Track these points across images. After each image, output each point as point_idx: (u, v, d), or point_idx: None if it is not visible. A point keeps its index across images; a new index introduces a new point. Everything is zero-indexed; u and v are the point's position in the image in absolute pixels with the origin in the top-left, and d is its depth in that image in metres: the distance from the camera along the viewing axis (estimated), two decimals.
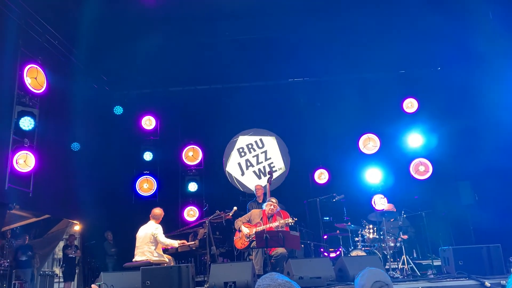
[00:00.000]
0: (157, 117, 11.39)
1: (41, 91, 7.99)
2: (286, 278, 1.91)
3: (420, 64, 10.85)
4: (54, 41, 8.74)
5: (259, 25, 9.55)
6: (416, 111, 10.90)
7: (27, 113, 7.62)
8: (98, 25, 8.77)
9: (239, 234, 7.23)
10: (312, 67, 10.87)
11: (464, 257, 5.63)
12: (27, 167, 7.48)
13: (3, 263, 8.81)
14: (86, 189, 9.79)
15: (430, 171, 10.52)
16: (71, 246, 10.63)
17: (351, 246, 8.37)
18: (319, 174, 11.18)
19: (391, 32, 9.57)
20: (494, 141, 8.55)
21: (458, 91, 10.00)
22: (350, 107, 10.51)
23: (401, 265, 7.44)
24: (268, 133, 11.88)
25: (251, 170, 11.65)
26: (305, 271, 5.57)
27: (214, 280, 5.60)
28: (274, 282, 1.86)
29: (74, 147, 9.37)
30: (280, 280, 1.86)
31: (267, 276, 1.94)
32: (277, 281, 1.86)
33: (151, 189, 10.83)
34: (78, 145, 9.39)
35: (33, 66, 7.83)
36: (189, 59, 10.26)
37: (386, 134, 11.00)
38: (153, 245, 7.11)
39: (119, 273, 6.27)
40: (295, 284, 1.88)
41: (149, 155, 11.08)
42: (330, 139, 10.97)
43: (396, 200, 9.36)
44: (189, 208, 10.90)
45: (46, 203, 8.71)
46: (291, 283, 1.87)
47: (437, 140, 10.45)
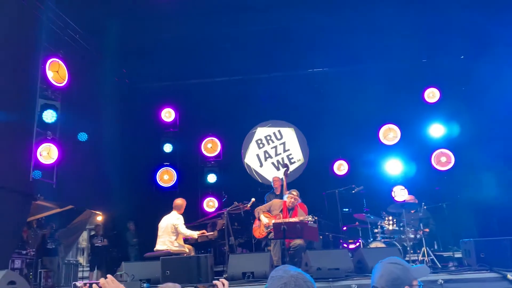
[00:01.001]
0: (177, 109, 11.49)
1: (63, 84, 8.14)
2: (299, 270, 1.92)
3: (442, 53, 10.59)
4: (75, 35, 8.87)
5: (278, 16, 9.48)
6: (438, 101, 10.69)
7: (50, 106, 7.77)
8: (118, 18, 8.87)
9: (258, 222, 7.27)
10: (331, 57, 10.73)
11: (486, 249, 5.53)
12: (51, 159, 7.65)
13: (29, 252, 9.08)
14: (108, 180, 9.97)
15: (452, 162, 10.33)
16: (97, 236, 10.88)
17: (371, 237, 8.32)
18: (339, 166, 11.10)
19: (413, 21, 9.38)
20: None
21: (481, 80, 9.73)
22: (370, 97, 10.36)
23: (421, 257, 7.36)
24: (286, 124, 11.84)
25: (269, 162, 11.66)
26: (323, 262, 5.57)
27: (233, 270, 5.65)
28: (287, 273, 1.87)
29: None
30: (293, 272, 1.88)
31: (281, 268, 1.96)
32: (289, 272, 1.88)
33: (171, 180, 10.96)
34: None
35: (55, 60, 7.97)
36: (208, 51, 10.28)
37: (407, 125, 10.82)
38: (174, 235, 7.21)
39: (140, 262, 6.40)
40: (308, 276, 1.89)
41: (169, 147, 11.20)
42: (350, 130, 10.82)
43: (416, 191, 9.24)
44: (208, 199, 11.01)
45: (69, 194, 8.91)
46: (303, 275, 1.88)
47: (459, 130, 10.24)
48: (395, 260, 2.27)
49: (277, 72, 11.29)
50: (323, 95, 11.25)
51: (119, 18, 8.80)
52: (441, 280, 4.90)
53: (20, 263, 8.61)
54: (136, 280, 5.62)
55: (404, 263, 2.26)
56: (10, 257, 7.73)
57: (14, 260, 8.36)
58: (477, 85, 9.91)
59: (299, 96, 11.27)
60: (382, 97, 10.54)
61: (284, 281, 1.84)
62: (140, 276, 5.76)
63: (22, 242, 9.13)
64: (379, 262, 2.31)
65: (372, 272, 2.31)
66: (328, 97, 11.14)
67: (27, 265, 8.98)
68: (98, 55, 9.76)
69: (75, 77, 8.55)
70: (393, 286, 2.17)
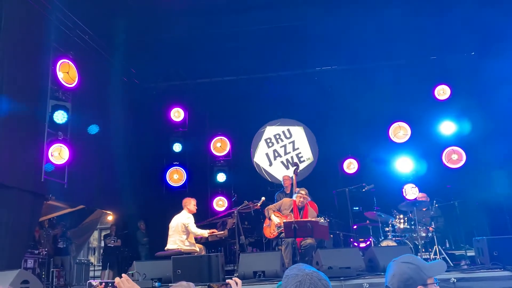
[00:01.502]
0: (186, 109, 11.51)
1: (73, 85, 8.19)
2: (313, 268, 1.91)
3: (452, 49, 10.48)
4: (85, 36, 8.93)
5: (286, 14, 9.47)
6: (448, 98, 10.57)
7: (60, 107, 7.83)
8: (127, 19, 8.92)
9: (268, 221, 7.26)
10: (340, 55, 10.69)
11: (499, 247, 5.47)
12: (62, 159, 7.71)
13: (42, 252, 9.18)
14: (119, 180, 10.04)
15: (463, 159, 10.22)
16: (111, 236, 10.95)
17: (381, 236, 8.27)
18: (348, 164, 11.04)
19: (422, 17, 9.29)
20: None
21: (492, 77, 9.62)
22: (380, 95, 10.30)
23: (433, 256, 7.31)
24: (295, 123, 11.81)
25: (278, 161, 11.65)
26: (334, 261, 5.56)
27: (244, 269, 5.66)
28: (302, 272, 1.86)
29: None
30: (308, 270, 1.87)
31: (295, 267, 1.95)
32: (304, 271, 1.87)
33: (181, 179, 10.99)
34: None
35: (65, 61, 8.03)
36: (216, 50, 10.30)
37: (417, 122, 10.72)
38: (185, 234, 7.23)
39: (151, 262, 6.44)
40: (323, 274, 1.88)
41: (179, 146, 11.22)
42: (359, 128, 10.77)
43: (427, 189, 9.17)
44: (218, 198, 11.01)
45: (80, 194, 8.98)
46: (318, 273, 1.87)
47: (470, 127, 10.12)
48: (408, 259, 2.22)
49: (286, 70, 11.26)
50: (332, 94, 11.20)
51: (127, 18, 8.86)
52: (453, 279, 4.86)
53: (33, 263, 8.71)
54: (147, 279, 5.65)
55: (419, 261, 2.20)
56: (23, 256, 7.81)
57: (26, 260, 8.46)
58: (487, 81, 9.80)
59: (308, 95, 11.23)
60: (391, 95, 10.46)
61: (299, 279, 1.83)
62: (152, 275, 5.80)
63: (34, 242, 9.24)
64: (392, 261, 2.27)
65: (386, 271, 2.28)
66: (337, 95, 11.08)
67: (40, 265, 9.08)
68: (107, 55, 9.82)
69: (85, 77, 8.61)
70: (405, 286, 2.14)
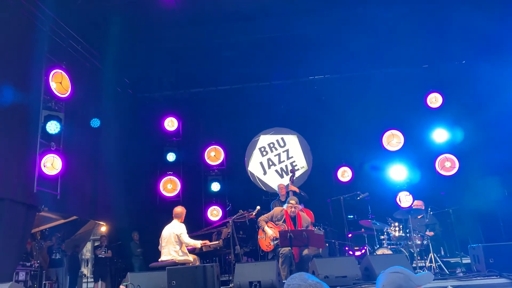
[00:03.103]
0: (179, 118, 11.49)
1: (66, 95, 8.15)
2: (316, 278, 1.88)
3: (444, 58, 10.60)
4: (78, 46, 8.91)
5: (279, 24, 9.51)
6: (440, 105, 10.66)
7: (53, 117, 7.77)
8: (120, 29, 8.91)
9: (262, 233, 7.22)
10: (333, 63, 10.74)
11: (495, 254, 5.47)
12: (54, 170, 7.64)
13: (34, 264, 9.05)
14: (112, 190, 9.96)
15: (456, 166, 10.29)
16: (101, 247, 10.84)
17: (377, 244, 8.26)
18: (342, 172, 11.06)
19: (414, 26, 9.39)
20: None
21: (483, 84, 9.73)
22: (373, 104, 10.37)
23: (428, 263, 7.30)
24: (289, 131, 11.83)
25: (273, 169, 11.63)
26: (331, 270, 5.52)
27: (239, 279, 5.60)
28: (305, 282, 1.83)
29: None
30: (311, 281, 1.84)
31: (297, 276, 1.91)
32: (307, 281, 1.83)
33: (175, 189, 10.93)
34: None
35: (57, 71, 8.00)
36: (210, 59, 10.32)
37: (410, 130, 10.81)
38: (178, 245, 7.16)
39: (146, 273, 6.35)
40: (326, 285, 1.85)
41: (172, 156, 11.18)
42: (353, 137, 10.81)
43: (422, 197, 9.20)
44: (213, 207, 10.96)
45: (73, 205, 8.89)
46: (322, 284, 1.84)
47: (463, 135, 10.20)
48: (397, 269, 2.24)
49: (279, 79, 11.31)
50: (326, 102, 11.25)
51: (121, 27, 8.84)
52: (450, 287, 4.85)
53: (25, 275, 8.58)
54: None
55: (407, 271, 2.23)
56: (15, 269, 7.69)
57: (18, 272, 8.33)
58: (479, 89, 9.89)
59: (302, 104, 11.28)
60: (384, 103, 10.55)
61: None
62: (146, 287, 5.72)
63: (26, 254, 9.11)
64: (381, 273, 2.29)
65: (376, 282, 2.29)
66: (331, 104, 11.13)
67: (32, 277, 8.94)
68: (101, 65, 9.80)
69: (78, 87, 8.57)
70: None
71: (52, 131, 7.71)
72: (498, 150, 9.14)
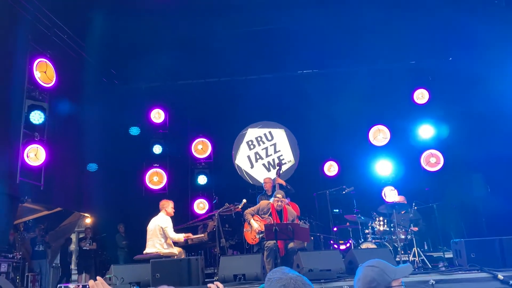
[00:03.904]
0: (166, 110, 11.40)
1: (51, 85, 8.03)
2: (296, 272, 1.90)
3: (431, 55, 10.68)
4: (63, 35, 8.77)
5: (268, 17, 9.45)
6: (427, 102, 10.76)
7: (37, 107, 7.66)
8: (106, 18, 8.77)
9: (248, 226, 7.23)
10: (321, 58, 10.76)
11: (476, 249, 5.55)
12: (38, 161, 7.54)
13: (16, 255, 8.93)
14: (97, 182, 9.86)
15: (441, 162, 10.40)
16: (86, 239, 10.75)
17: (361, 238, 8.32)
18: (329, 167, 11.12)
19: (401, 23, 9.42)
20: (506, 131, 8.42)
21: (469, 81, 9.83)
22: (360, 99, 10.42)
23: (412, 258, 7.39)
24: (277, 125, 11.83)
25: (260, 163, 11.63)
26: (315, 263, 5.54)
27: (224, 272, 5.61)
28: (285, 275, 1.84)
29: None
30: (291, 274, 1.85)
31: (278, 270, 1.92)
32: (288, 275, 1.85)
33: (161, 182, 10.86)
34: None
35: (42, 60, 7.87)
36: (197, 52, 10.23)
37: (396, 126, 10.88)
38: (163, 238, 7.13)
39: (130, 265, 6.31)
40: (306, 279, 1.86)
41: (159, 148, 11.09)
42: (340, 131, 10.87)
43: (406, 192, 9.29)
44: (199, 201, 10.94)
45: (57, 196, 8.80)
46: (302, 277, 1.85)
47: (448, 131, 10.32)
48: (373, 263, 2.25)
49: (268, 73, 11.28)
50: (313, 97, 11.26)
51: (107, 18, 8.71)
52: (432, 281, 4.90)
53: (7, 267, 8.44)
54: (125, 283, 5.54)
55: (384, 264, 2.23)
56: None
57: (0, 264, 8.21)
58: (465, 86, 10.00)
59: (290, 98, 11.29)
60: (372, 99, 10.62)
61: (283, 283, 1.81)
62: (130, 279, 5.69)
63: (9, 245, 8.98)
64: (359, 266, 2.30)
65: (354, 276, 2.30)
66: (318, 99, 11.14)
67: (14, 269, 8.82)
68: (87, 55, 9.65)
69: (63, 77, 8.45)
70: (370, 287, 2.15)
71: (36, 121, 7.61)
72: (481, 147, 9.27)
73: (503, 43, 8.37)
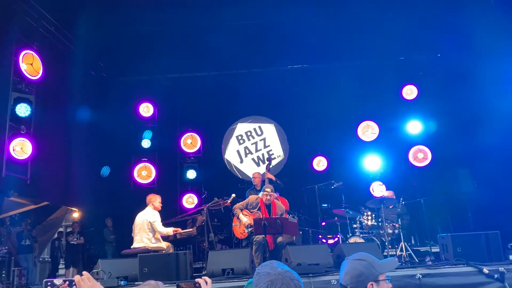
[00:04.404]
0: (155, 104, 11.32)
1: (37, 77, 7.90)
2: (286, 267, 1.87)
3: (419, 51, 10.75)
4: (50, 27, 8.62)
5: (258, 11, 9.41)
6: (415, 98, 10.84)
7: (23, 100, 7.54)
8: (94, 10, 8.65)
9: (237, 221, 7.23)
10: (311, 53, 10.75)
11: (462, 244, 5.62)
12: (24, 154, 7.44)
13: (2, 250, 8.84)
14: (85, 176, 9.77)
15: (429, 158, 10.51)
16: (73, 233, 10.67)
17: (349, 233, 8.38)
18: (318, 161, 11.18)
19: (391, 19, 9.45)
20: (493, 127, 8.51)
21: (457, 77, 9.92)
22: (349, 94, 10.47)
23: (399, 252, 7.46)
24: (267, 120, 11.82)
25: (250, 158, 11.63)
26: (303, 257, 5.56)
27: (212, 266, 5.60)
28: (274, 270, 1.82)
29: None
30: (280, 269, 1.83)
31: (267, 264, 1.90)
32: (277, 269, 1.83)
33: (150, 176, 10.81)
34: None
35: (28, 52, 7.73)
36: (187, 45, 10.14)
37: (385, 121, 10.96)
38: (151, 232, 7.10)
39: (117, 260, 6.28)
40: (295, 273, 1.85)
41: (147, 142, 11.02)
42: (329, 127, 10.92)
43: (394, 187, 9.38)
44: (188, 195, 10.91)
45: (44, 190, 8.69)
46: (291, 272, 1.83)
47: (436, 127, 10.41)
48: (360, 256, 2.26)
49: (257, 68, 11.25)
50: (303, 92, 11.29)
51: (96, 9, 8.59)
52: (419, 275, 4.95)
53: None
54: (113, 277, 5.50)
55: (370, 258, 2.25)
56: None
57: None
58: (453, 82, 10.08)
59: (280, 93, 11.28)
60: (361, 94, 10.67)
61: (271, 278, 1.79)
62: (117, 274, 5.65)
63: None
64: (345, 259, 2.30)
65: (340, 269, 2.30)
66: (308, 94, 11.17)
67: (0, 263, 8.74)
68: (74, 48, 9.51)
69: (50, 70, 8.32)
70: (357, 282, 2.17)
71: (22, 114, 7.50)
72: (468, 143, 9.37)
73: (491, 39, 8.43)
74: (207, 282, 2.66)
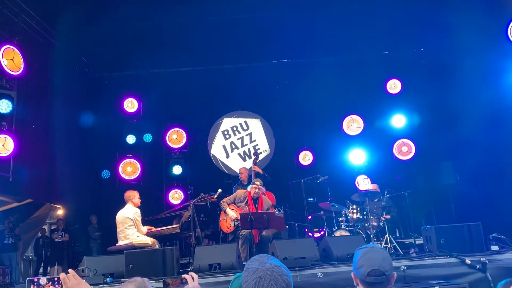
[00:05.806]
0: (140, 100, 11.21)
1: (19, 73, 7.76)
2: (276, 261, 1.85)
3: (403, 45, 10.85)
4: (31, 21, 8.46)
5: (243, 6, 9.37)
6: (399, 92, 10.95)
7: (5, 96, 7.42)
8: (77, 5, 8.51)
9: (224, 215, 7.24)
10: (296, 48, 10.77)
11: (445, 235, 5.71)
12: (6, 151, 7.32)
13: None
14: (69, 172, 9.65)
15: (413, 151, 10.65)
16: (58, 230, 10.55)
17: (335, 226, 8.45)
18: (304, 156, 11.24)
19: (374, 13, 9.51)
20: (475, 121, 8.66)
21: (440, 72, 10.06)
22: (334, 89, 10.55)
23: (384, 244, 7.56)
24: (253, 115, 11.82)
25: (236, 153, 11.62)
26: (290, 251, 5.60)
27: (199, 262, 5.60)
28: (263, 266, 1.81)
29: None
30: (269, 265, 1.81)
31: (256, 259, 1.88)
32: (265, 265, 1.81)
33: (135, 172, 10.72)
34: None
35: (9, 47, 7.58)
36: (172, 40, 10.06)
37: (370, 115, 11.06)
38: (135, 228, 7.05)
39: (103, 257, 6.22)
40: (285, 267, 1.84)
41: (132, 138, 10.92)
42: (315, 121, 10.99)
43: (379, 180, 9.46)
44: (174, 191, 10.85)
45: (27, 188, 8.56)
46: (280, 268, 1.82)
47: (420, 120, 10.55)
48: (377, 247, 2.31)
49: (242, 63, 11.21)
50: (288, 86, 11.32)
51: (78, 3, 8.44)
52: (403, 266, 5.03)
53: None
54: (98, 274, 5.47)
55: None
56: None
57: None
58: (436, 76, 10.21)
59: (265, 87, 11.27)
60: (346, 88, 10.77)
61: (259, 274, 1.78)
62: (103, 271, 5.61)
63: None
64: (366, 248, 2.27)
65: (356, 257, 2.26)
66: (293, 88, 11.20)
67: None
68: (57, 43, 9.35)
69: (32, 65, 8.17)
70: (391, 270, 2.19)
71: (3, 110, 7.38)
72: (451, 136, 9.52)
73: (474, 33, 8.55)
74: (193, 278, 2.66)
